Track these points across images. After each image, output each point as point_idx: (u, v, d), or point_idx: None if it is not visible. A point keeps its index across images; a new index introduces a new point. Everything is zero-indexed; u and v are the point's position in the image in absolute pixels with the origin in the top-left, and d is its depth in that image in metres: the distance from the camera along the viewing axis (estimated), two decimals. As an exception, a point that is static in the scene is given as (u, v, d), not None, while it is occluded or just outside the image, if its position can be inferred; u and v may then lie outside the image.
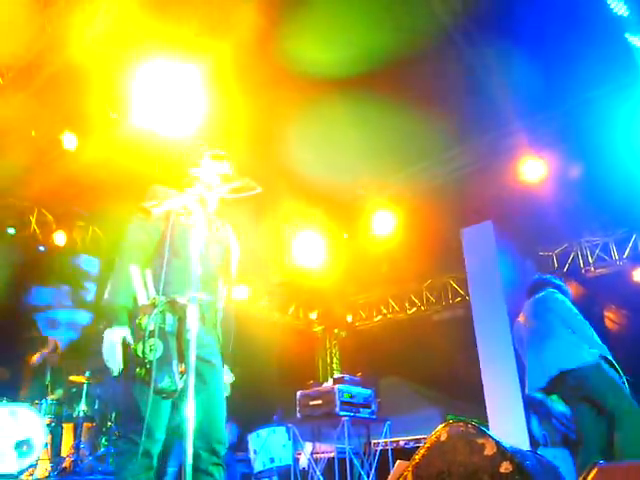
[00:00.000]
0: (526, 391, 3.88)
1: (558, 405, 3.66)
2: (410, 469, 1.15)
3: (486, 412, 6.17)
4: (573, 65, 5.12)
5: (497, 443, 1.10)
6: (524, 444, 5.46)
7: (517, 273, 7.00)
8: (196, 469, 2.19)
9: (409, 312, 9.69)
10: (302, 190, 6.94)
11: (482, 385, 6.34)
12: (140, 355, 2.29)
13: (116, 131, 5.75)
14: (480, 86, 5.56)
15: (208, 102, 5.21)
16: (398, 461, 1.35)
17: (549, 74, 5.23)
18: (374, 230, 7.51)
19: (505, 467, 1.05)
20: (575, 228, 7.79)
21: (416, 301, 9.65)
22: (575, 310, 3.77)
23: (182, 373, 2.30)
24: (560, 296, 3.86)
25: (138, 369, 2.32)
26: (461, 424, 1.16)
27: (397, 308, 9.86)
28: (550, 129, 6.20)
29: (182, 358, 2.27)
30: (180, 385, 2.26)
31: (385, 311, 10.01)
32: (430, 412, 6.63)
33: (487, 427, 5.47)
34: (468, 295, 7.23)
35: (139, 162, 6.10)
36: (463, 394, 6.95)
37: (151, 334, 2.28)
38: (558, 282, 4.07)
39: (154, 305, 2.32)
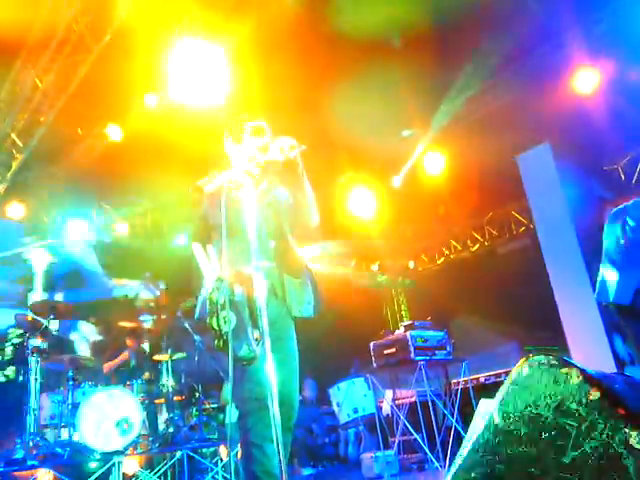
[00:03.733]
0: (603, 298, 3.74)
1: None
2: (495, 406, 1.13)
3: (565, 339, 6.04)
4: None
5: (582, 371, 1.06)
6: (609, 366, 5.34)
7: (582, 193, 6.68)
8: None
9: (472, 249, 9.51)
10: (348, 143, 6.82)
11: (558, 312, 6.19)
12: (216, 328, 2.37)
13: (158, 114, 5.80)
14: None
15: (246, 70, 5.19)
16: (482, 400, 1.34)
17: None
18: (425, 171, 7.34)
19: (593, 394, 1.01)
20: (638, 136, 7.30)
21: (478, 237, 9.44)
22: None
23: (257, 340, 2.36)
24: None
25: (216, 341, 2.40)
26: (542, 356, 1.13)
27: (459, 247, 9.70)
28: (600, 32, 5.76)
29: (256, 325, 2.33)
30: (258, 351, 2.34)
31: (447, 252, 9.87)
32: (507, 346, 6.56)
33: (569, 354, 5.36)
34: (532, 223, 6.99)
35: (186, 141, 6.14)
36: (539, 324, 6.81)
37: (223, 307, 2.35)
38: None
39: (221, 279, 2.38)
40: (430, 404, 5.13)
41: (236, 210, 2.40)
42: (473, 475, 1.06)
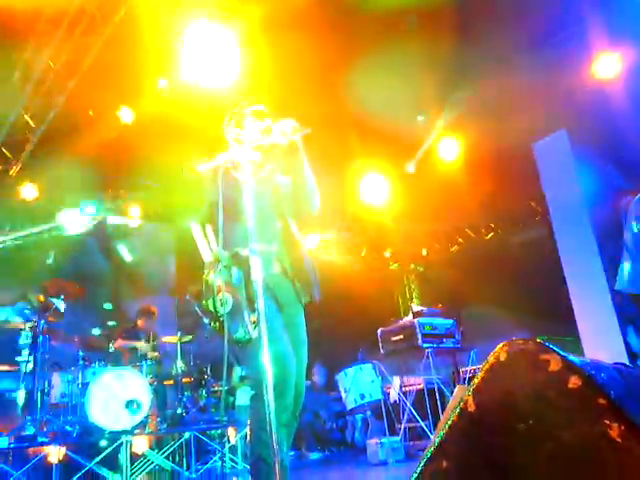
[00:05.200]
0: (621, 286, 3.63)
1: None
2: (470, 393, 1.09)
3: (578, 330, 5.95)
4: None
5: (563, 357, 1.02)
6: (622, 358, 5.25)
7: (599, 182, 6.53)
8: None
9: (486, 238, 9.39)
10: (361, 127, 6.72)
11: (571, 302, 6.09)
12: (212, 310, 2.37)
13: (170, 96, 5.77)
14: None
15: (259, 51, 5.13)
16: (457, 386, 1.31)
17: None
18: (439, 158, 7.23)
19: (573, 382, 0.97)
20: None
21: (493, 225, 9.31)
22: None
23: (254, 323, 2.35)
24: None
25: (212, 323, 2.41)
26: (521, 341, 1.08)
27: (473, 235, 9.58)
28: (622, 17, 5.58)
29: (253, 308, 2.31)
30: (254, 334, 2.32)
31: (461, 240, 9.75)
32: (519, 336, 6.46)
33: (580, 345, 5.27)
34: (548, 212, 6.87)
35: (199, 123, 6.09)
36: (552, 314, 6.71)
37: (219, 289, 2.35)
38: None
39: (218, 261, 2.37)
40: (437, 392, 5.11)
41: (234, 191, 2.37)
42: (445, 465, 1.03)
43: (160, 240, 8.29)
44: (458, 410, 1.06)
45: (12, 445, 4.52)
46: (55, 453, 4.58)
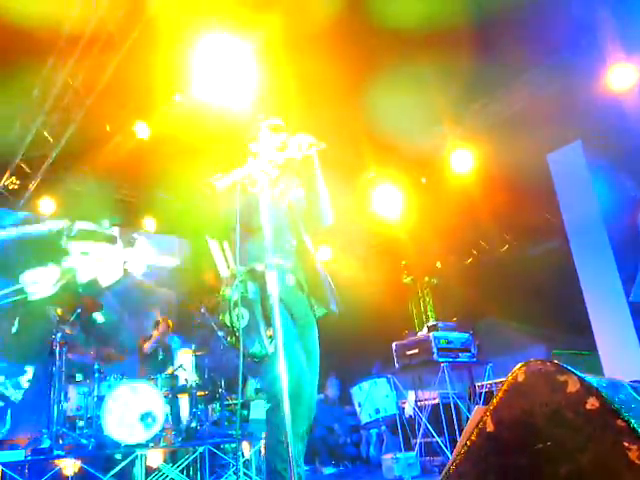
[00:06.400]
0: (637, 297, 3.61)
1: None
2: (489, 413, 1.09)
3: (595, 342, 5.86)
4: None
5: (580, 379, 1.01)
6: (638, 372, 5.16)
7: (615, 193, 6.47)
8: None
9: (501, 250, 9.31)
10: (376, 140, 6.73)
11: (588, 315, 6.01)
12: (228, 325, 2.39)
13: (187, 111, 5.83)
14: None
15: (273, 63, 5.18)
16: (476, 406, 1.30)
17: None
18: (454, 170, 7.20)
19: (591, 403, 0.96)
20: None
21: (508, 237, 9.23)
22: None
23: (270, 337, 2.36)
24: None
25: (229, 338, 2.42)
26: (539, 362, 1.08)
27: (488, 247, 9.50)
28: (637, 27, 5.55)
29: (269, 323, 2.33)
30: (270, 349, 2.33)
31: (475, 252, 9.68)
32: (535, 350, 6.41)
33: (598, 358, 5.19)
34: (563, 224, 6.81)
35: (211, 138, 6.16)
36: (569, 327, 6.63)
37: (235, 304, 2.36)
38: None
39: (234, 276, 2.39)
40: (453, 406, 5.05)
41: (250, 206, 2.39)
42: (462, 484, 1.02)
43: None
44: (476, 430, 1.06)
45: (28, 458, 4.55)
46: (70, 466, 4.60)
